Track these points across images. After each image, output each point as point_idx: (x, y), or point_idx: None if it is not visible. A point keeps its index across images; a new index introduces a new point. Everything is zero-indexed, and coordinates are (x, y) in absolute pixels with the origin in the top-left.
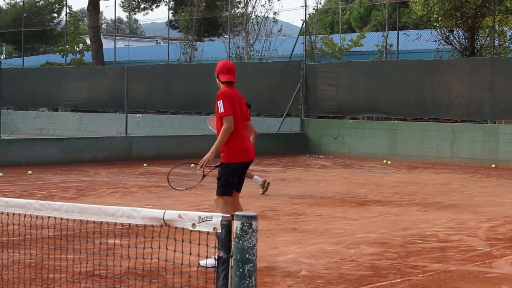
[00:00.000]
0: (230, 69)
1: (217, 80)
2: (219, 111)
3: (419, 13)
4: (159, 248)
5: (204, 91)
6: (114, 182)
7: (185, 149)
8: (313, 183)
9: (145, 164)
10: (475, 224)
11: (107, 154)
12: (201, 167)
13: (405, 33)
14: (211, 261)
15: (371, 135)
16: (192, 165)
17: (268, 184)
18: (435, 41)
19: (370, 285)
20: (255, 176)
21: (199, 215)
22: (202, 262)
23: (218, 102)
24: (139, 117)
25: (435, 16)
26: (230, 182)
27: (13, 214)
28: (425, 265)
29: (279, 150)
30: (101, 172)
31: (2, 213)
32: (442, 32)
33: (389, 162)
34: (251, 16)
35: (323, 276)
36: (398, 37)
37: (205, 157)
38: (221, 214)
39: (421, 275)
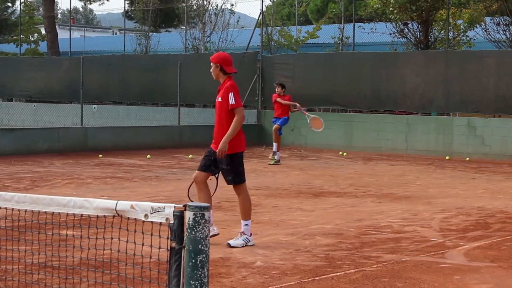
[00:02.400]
0: (232, 61)
1: (216, 70)
2: (230, 103)
3: (374, 6)
4: (112, 239)
5: (161, 82)
6: (69, 173)
7: (141, 140)
8: (269, 174)
9: (100, 155)
10: (429, 215)
11: (62, 145)
12: (221, 156)
13: (360, 26)
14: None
15: (327, 127)
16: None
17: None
18: (390, 34)
19: (325, 276)
20: None
21: (151, 205)
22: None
23: (230, 93)
24: (94, 108)
25: (390, 9)
26: (243, 169)
27: None
28: (379, 256)
29: None
30: (56, 163)
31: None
32: (397, 25)
33: (345, 154)
34: (207, 8)
35: (278, 266)
36: (354, 30)
37: (221, 147)
38: (173, 205)
39: (375, 266)
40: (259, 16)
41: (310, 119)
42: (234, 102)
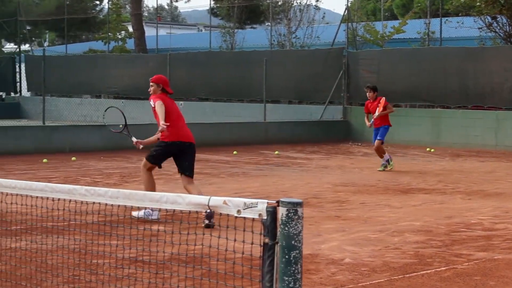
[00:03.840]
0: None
1: (156, 88)
2: (151, 105)
3: (462, 0)
4: (203, 234)
5: (246, 79)
6: (157, 169)
7: (227, 137)
8: (356, 170)
9: None
10: None
11: None
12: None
13: (447, 20)
14: (141, 213)
15: (414, 123)
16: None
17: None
18: (478, 28)
19: (415, 273)
20: None
21: (244, 201)
22: (134, 213)
23: (150, 101)
24: (181, 104)
25: (478, 3)
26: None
27: (58, 199)
28: (470, 254)
29: (321, 138)
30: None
31: (48, 198)
32: (485, 19)
33: (432, 150)
34: (293, 3)
35: (367, 263)
36: (441, 24)
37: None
38: (266, 200)
39: (466, 264)
40: (345, 11)
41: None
42: (152, 104)
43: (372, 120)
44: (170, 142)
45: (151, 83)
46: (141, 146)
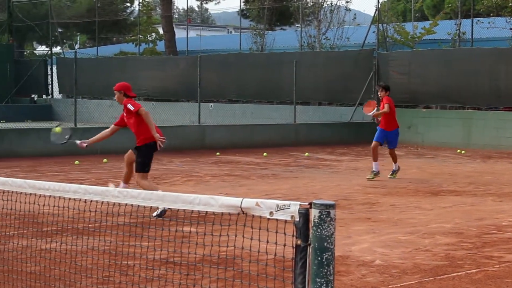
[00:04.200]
0: (130, 87)
1: (119, 95)
2: (132, 109)
3: (493, 0)
4: (235, 236)
5: (276, 80)
6: (188, 170)
7: (257, 138)
8: (386, 172)
9: (218, 153)
10: None
11: (180, 143)
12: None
13: (478, 21)
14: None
15: (444, 125)
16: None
17: None
18: (510, 28)
19: (446, 275)
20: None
21: (276, 203)
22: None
23: (128, 105)
24: (211, 106)
25: (510, 4)
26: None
27: (91, 201)
28: (501, 256)
29: (351, 139)
30: (175, 161)
31: (80, 200)
32: None
33: (463, 152)
34: (323, 5)
35: (398, 265)
36: (472, 25)
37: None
38: (298, 202)
39: (497, 266)
40: (375, 12)
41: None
42: (133, 108)
43: (370, 114)
44: (150, 144)
45: (115, 91)
46: (84, 145)
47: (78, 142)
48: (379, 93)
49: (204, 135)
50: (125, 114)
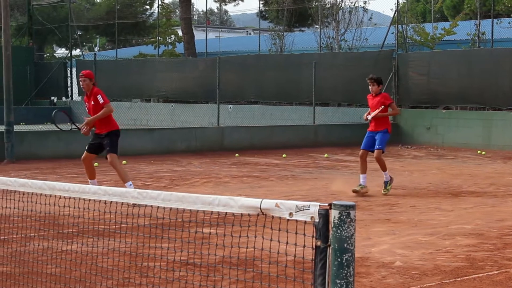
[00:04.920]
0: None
1: (90, 82)
2: (101, 102)
3: None
4: (255, 237)
5: (295, 81)
6: (207, 172)
7: (276, 140)
8: (406, 173)
9: (237, 155)
10: None
11: (199, 145)
12: (83, 126)
13: (498, 21)
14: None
15: (464, 125)
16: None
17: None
18: None
19: (467, 277)
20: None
21: (296, 204)
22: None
23: (98, 96)
24: (230, 107)
25: None
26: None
27: (111, 202)
28: None
29: None
30: (194, 162)
31: (100, 201)
32: None
33: (483, 153)
34: (341, 6)
35: (418, 267)
36: (492, 25)
37: (88, 121)
38: (318, 203)
39: None
40: (394, 13)
41: None
42: (103, 101)
43: (370, 117)
44: (118, 130)
45: (84, 78)
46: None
47: (83, 122)
48: (370, 87)
49: (223, 136)
50: (92, 102)
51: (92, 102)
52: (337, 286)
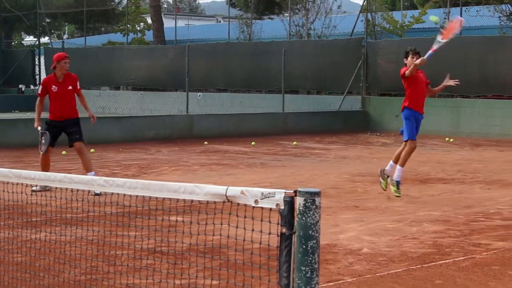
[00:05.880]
0: None
1: (56, 66)
2: (78, 88)
3: None
4: (221, 224)
5: (265, 69)
6: (175, 160)
7: (245, 127)
8: (374, 161)
9: (206, 142)
10: None
11: (168, 132)
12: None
13: (467, 10)
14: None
15: (433, 113)
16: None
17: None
18: (498, 17)
19: (433, 263)
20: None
21: (262, 191)
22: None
23: (77, 82)
24: (199, 95)
25: None
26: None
27: (77, 190)
28: (489, 243)
29: (340, 128)
30: (163, 150)
31: (67, 189)
32: (506, 8)
33: (451, 140)
34: None
35: (385, 253)
36: (461, 13)
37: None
38: (283, 190)
39: (485, 253)
40: (364, 1)
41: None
42: (79, 88)
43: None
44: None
45: (67, 61)
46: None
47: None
48: (408, 60)
49: (192, 124)
50: (69, 87)
51: (70, 87)
52: (302, 273)
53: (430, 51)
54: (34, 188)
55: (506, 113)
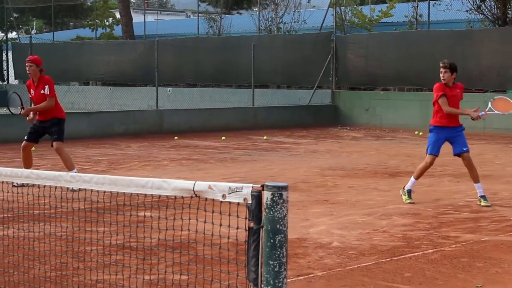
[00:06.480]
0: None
1: (36, 68)
2: (46, 93)
3: None
4: (189, 219)
5: (234, 64)
6: (145, 155)
7: (215, 122)
8: (344, 154)
9: (176, 137)
10: (508, 194)
11: (138, 128)
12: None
13: (435, 4)
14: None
15: (402, 106)
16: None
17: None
18: (467, 11)
19: (403, 256)
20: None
21: (229, 186)
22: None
23: (46, 87)
24: (169, 90)
25: None
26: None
27: (44, 186)
28: (458, 236)
29: (310, 122)
30: (132, 146)
31: (34, 185)
32: (474, 1)
33: (421, 134)
34: None
35: (355, 247)
36: (429, 7)
37: (29, 109)
38: (251, 185)
39: (454, 246)
40: None
41: (492, 103)
42: (48, 93)
43: (484, 113)
44: (64, 119)
45: (30, 64)
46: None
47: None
48: (442, 75)
49: (162, 119)
50: (41, 91)
51: (42, 91)
52: (270, 267)
53: (483, 112)
54: (15, 184)
55: (474, 107)
